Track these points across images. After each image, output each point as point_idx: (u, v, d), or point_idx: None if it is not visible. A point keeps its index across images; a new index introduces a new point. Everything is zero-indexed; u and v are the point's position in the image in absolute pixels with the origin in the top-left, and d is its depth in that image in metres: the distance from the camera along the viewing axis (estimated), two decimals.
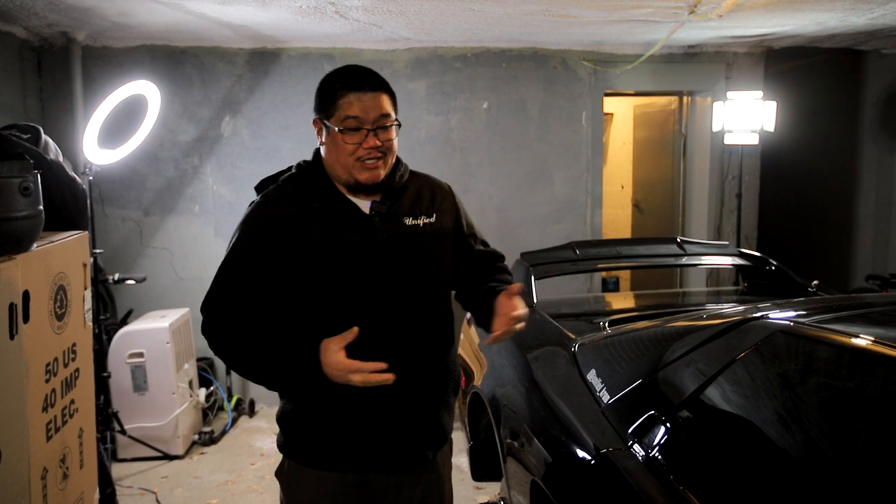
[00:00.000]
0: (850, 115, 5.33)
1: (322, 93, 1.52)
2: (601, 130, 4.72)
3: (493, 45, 4.41)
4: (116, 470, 3.48)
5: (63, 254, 2.00)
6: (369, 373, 1.39)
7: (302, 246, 1.49)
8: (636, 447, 1.48)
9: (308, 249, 1.48)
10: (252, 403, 4.30)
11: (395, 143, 1.53)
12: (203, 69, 4.18)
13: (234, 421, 4.14)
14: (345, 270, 1.49)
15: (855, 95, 5.27)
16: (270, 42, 4.11)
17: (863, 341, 1.29)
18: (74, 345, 2.09)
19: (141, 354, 3.58)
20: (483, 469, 2.69)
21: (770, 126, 4.35)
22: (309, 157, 1.65)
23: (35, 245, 1.79)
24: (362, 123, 1.46)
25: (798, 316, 1.53)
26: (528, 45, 4.43)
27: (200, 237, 4.27)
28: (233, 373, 4.26)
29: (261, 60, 4.22)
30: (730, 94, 4.40)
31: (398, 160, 1.60)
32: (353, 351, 1.44)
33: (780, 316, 1.53)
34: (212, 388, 4.14)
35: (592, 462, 1.52)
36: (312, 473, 1.55)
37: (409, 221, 1.55)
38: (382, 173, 1.51)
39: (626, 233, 6.28)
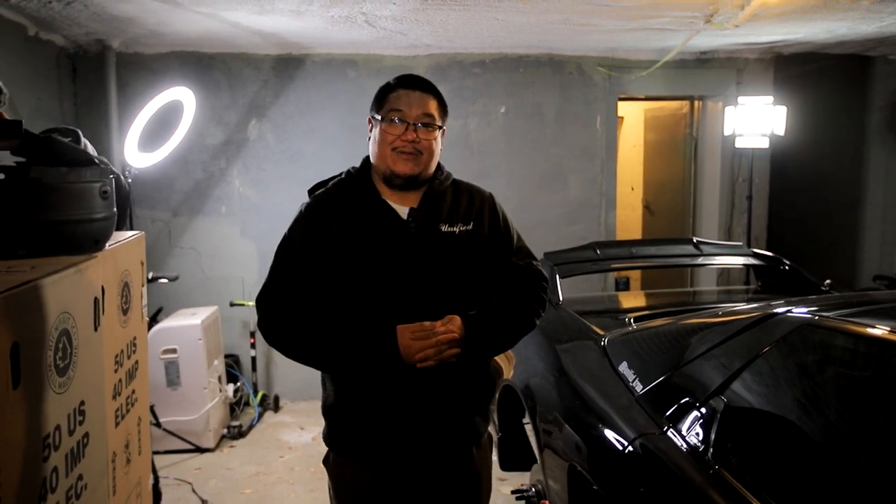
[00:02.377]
0: (857, 119, 5.45)
1: (379, 92, 1.66)
2: (615, 134, 4.84)
3: (510, 52, 4.53)
4: None
5: (127, 253, 2.14)
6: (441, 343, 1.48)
7: (340, 247, 1.58)
8: (671, 431, 1.60)
9: (345, 250, 1.57)
10: (277, 399, 4.43)
11: (435, 146, 1.62)
12: (230, 74, 4.31)
13: (261, 416, 4.27)
14: (378, 273, 1.57)
15: (862, 100, 5.39)
16: (296, 48, 4.24)
17: (881, 331, 1.41)
18: (135, 338, 2.22)
19: (174, 350, 3.71)
20: (510, 460, 2.82)
21: (780, 130, 4.47)
22: (332, 157, 1.76)
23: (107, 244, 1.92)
24: (405, 117, 1.57)
25: (818, 311, 1.65)
26: (544, 52, 4.55)
27: (227, 237, 4.40)
28: (258, 369, 4.39)
29: (286, 66, 4.35)
30: (741, 98, 4.51)
31: (440, 167, 1.69)
32: None
33: (803, 310, 1.65)
34: (238, 383, 4.27)
35: (631, 445, 1.65)
36: (353, 465, 1.64)
37: (444, 228, 1.62)
38: (416, 169, 1.59)
39: (636, 234, 6.41)
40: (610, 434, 1.76)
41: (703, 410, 1.55)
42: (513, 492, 2.51)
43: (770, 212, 5.07)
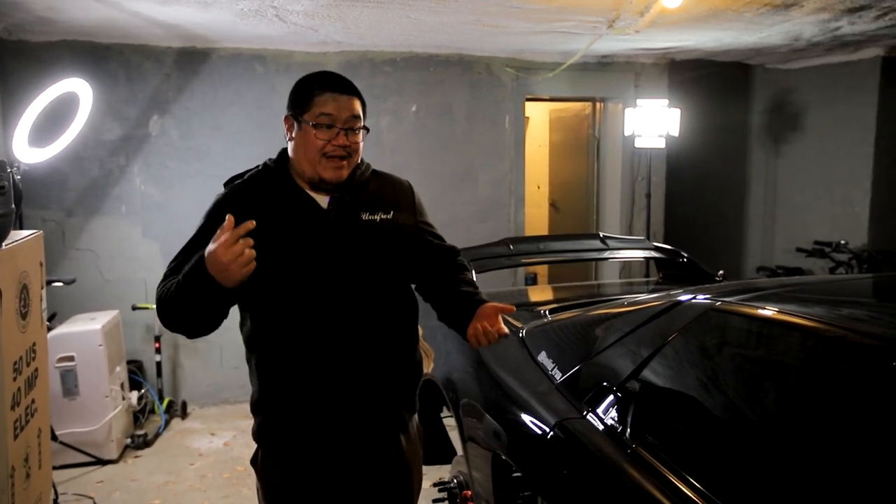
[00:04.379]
0: (741, 122, 5.89)
1: (298, 91, 1.61)
2: (523, 134, 4.99)
3: (421, 51, 4.57)
4: None
5: (26, 253, 2.00)
6: (230, 233, 1.37)
7: (259, 237, 1.48)
8: (591, 415, 1.69)
9: (264, 241, 1.50)
10: (184, 405, 4.25)
11: (361, 146, 1.64)
12: (129, 67, 4.10)
13: (167, 423, 4.09)
14: (299, 263, 1.57)
15: (745, 104, 5.83)
16: (200, 41, 4.09)
17: (770, 312, 1.56)
18: (34, 344, 2.08)
19: (72, 358, 3.49)
20: (428, 454, 2.84)
21: (675, 131, 4.76)
22: (240, 154, 1.71)
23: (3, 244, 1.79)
24: (335, 121, 1.56)
25: (718, 297, 1.79)
26: (454, 52, 4.62)
27: (128, 238, 4.18)
28: (163, 375, 4.20)
29: (190, 60, 4.19)
30: (639, 101, 4.77)
31: (360, 160, 1.69)
32: (309, 343, 1.56)
33: (705, 297, 1.78)
34: (143, 390, 4.07)
35: (553, 431, 1.71)
36: (281, 461, 1.64)
37: (365, 217, 1.64)
38: (345, 173, 1.61)
39: (543, 231, 6.62)
40: (532, 421, 1.83)
41: (620, 394, 1.64)
42: (434, 484, 2.54)
43: (666, 208, 5.38)
